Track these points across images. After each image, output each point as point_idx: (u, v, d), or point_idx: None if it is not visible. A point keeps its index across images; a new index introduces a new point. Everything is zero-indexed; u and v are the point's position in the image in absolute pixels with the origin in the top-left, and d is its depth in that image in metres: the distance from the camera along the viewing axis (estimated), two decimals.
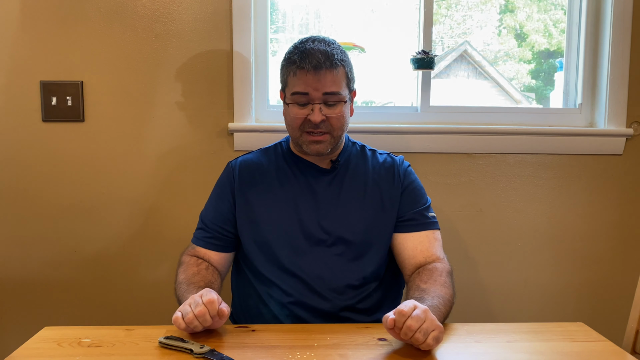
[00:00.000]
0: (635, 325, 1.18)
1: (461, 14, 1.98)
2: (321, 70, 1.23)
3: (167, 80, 1.70)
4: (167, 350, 1.02)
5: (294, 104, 1.27)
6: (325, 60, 1.23)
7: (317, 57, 1.23)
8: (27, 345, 1.05)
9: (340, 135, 1.30)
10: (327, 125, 1.26)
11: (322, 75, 1.24)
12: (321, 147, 1.28)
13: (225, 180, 1.37)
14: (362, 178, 1.34)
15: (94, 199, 1.73)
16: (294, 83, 1.27)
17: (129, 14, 1.68)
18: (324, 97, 1.25)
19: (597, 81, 1.81)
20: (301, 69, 1.24)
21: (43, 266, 1.74)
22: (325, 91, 1.24)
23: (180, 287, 1.23)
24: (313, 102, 1.25)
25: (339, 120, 1.27)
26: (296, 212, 1.30)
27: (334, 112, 1.26)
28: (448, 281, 1.22)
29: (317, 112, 1.25)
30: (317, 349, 1.02)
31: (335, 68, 1.25)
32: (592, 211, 1.82)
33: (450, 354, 1.02)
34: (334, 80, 1.25)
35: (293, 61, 1.26)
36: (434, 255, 1.29)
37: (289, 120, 1.30)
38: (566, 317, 1.83)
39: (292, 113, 1.28)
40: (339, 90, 1.26)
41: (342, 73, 1.27)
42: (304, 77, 1.24)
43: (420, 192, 1.36)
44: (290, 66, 1.27)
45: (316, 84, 1.24)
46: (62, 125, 1.70)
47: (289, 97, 1.28)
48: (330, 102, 1.26)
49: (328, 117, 1.26)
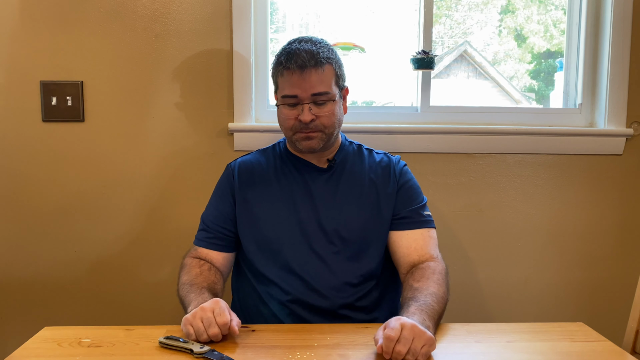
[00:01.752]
0: (635, 325, 1.18)
1: (461, 14, 1.98)
2: (306, 70, 1.25)
3: (167, 80, 1.70)
4: (167, 350, 1.02)
5: (284, 105, 1.29)
6: (309, 59, 1.25)
7: (302, 57, 1.25)
8: (27, 345, 1.05)
9: (332, 133, 1.31)
10: (318, 124, 1.28)
11: (308, 75, 1.25)
12: (313, 142, 1.29)
13: (225, 181, 1.39)
14: (358, 177, 1.35)
15: (93, 198, 1.73)
16: (282, 85, 1.29)
17: (129, 14, 1.68)
18: (313, 98, 1.26)
19: (597, 81, 1.81)
20: (287, 70, 1.26)
21: (43, 266, 1.74)
22: (312, 92, 1.26)
23: (183, 287, 1.23)
24: (302, 103, 1.27)
25: (329, 119, 1.29)
26: (295, 210, 1.31)
27: (323, 111, 1.28)
28: (441, 279, 1.22)
29: (306, 112, 1.26)
30: (317, 349, 1.02)
31: (321, 67, 1.26)
32: (592, 211, 1.82)
33: (450, 354, 1.02)
34: (320, 79, 1.26)
35: (280, 62, 1.28)
36: (428, 254, 1.29)
37: (281, 121, 1.33)
38: (566, 317, 1.84)
39: (283, 114, 1.31)
40: (327, 89, 1.27)
41: (329, 71, 1.28)
42: (290, 77, 1.26)
43: (416, 191, 1.37)
44: (277, 67, 1.30)
45: (303, 84, 1.25)
46: (62, 125, 1.70)
47: (279, 99, 1.31)
48: (319, 102, 1.27)
49: (318, 116, 1.27)
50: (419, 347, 0.95)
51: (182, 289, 1.23)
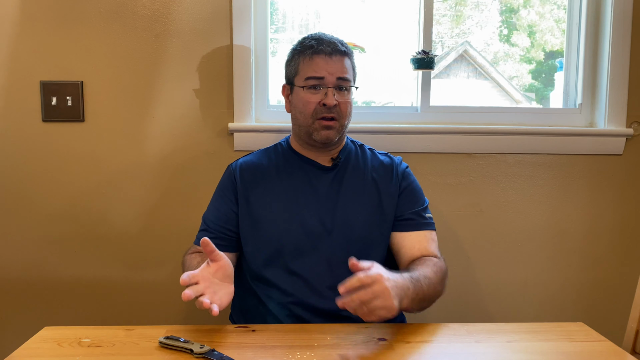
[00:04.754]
0: (635, 325, 1.18)
1: (461, 14, 1.98)
2: (336, 56, 1.30)
3: (167, 80, 1.70)
4: (167, 350, 1.02)
5: (307, 88, 1.31)
6: (340, 46, 1.32)
7: (332, 43, 1.31)
8: (27, 345, 1.05)
9: (345, 125, 1.34)
10: (338, 111, 1.31)
11: (337, 60, 1.30)
12: (331, 133, 1.31)
13: (227, 182, 1.38)
14: (361, 176, 1.36)
15: (93, 198, 1.73)
16: (308, 68, 1.31)
17: (129, 14, 1.68)
18: (337, 82, 1.30)
19: (597, 81, 1.81)
20: (318, 53, 1.30)
21: (43, 266, 1.74)
22: (339, 76, 1.30)
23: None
24: (327, 86, 1.29)
25: (347, 108, 1.32)
26: (298, 210, 1.31)
27: (344, 98, 1.32)
28: (439, 272, 1.23)
29: (330, 96, 1.29)
30: (317, 349, 1.02)
31: (348, 56, 1.33)
32: (592, 211, 1.82)
33: (450, 354, 1.02)
34: (345, 66, 1.32)
35: (309, 46, 1.32)
36: (432, 253, 1.31)
37: (300, 107, 1.32)
38: (566, 317, 1.84)
39: (305, 98, 1.31)
40: (350, 77, 1.33)
41: (350, 63, 1.35)
42: (321, 60, 1.30)
43: (418, 193, 1.38)
44: (305, 51, 1.32)
45: (331, 67, 1.29)
46: (62, 125, 1.70)
47: (303, 82, 1.32)
48: (342, 86, 1.31)
49: (339, 103, 1.30)
50: (377, 307, 0.97)
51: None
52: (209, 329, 1.12)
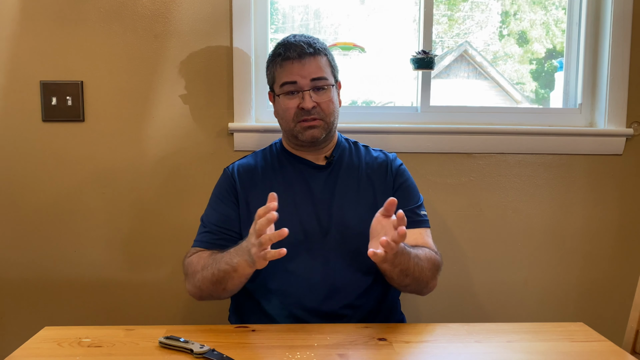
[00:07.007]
0: (635, 325, 1.18)
1: (461, 14, 1.98)
2: (305, 58, 1.30)
3: (167, 80, 1.70)
4: (167, 350, 1.02)
5: (284, 94, 1.32)
6: (308, 48, 1.31)
7: (299, 46, 1.31)
8: (27, 345, 1.05)
9: (332, 122, 1.34)
10: (319, 111, 1.31)
11: (307, 62, 1.30)
12: (316, 131, 1.31)
13: (226, 184, 1.37)
14: (356, 173, 1.36)
15: (93, 198, 1.73)
16: (281, 75, 1.32)
17: (129, 14, 1.68)
18: (312, 83, 1.30)
19: (597, 81, 1.81)
20: (286, 59, 1.31)
21: (43, 266, 1.74)
22: (312, 77, 1.30)
23: (210, 267, 1.20)
24: (302, 90, 1.30)
25: (329, 106, 1.32)
26: (295, 210, 1.31)
27: (323, 97, 1.31)
28: (433, 260, 1.26)
29: (307, 99, 1.29)
30: (317, 349, 1.02)
31: (319, 55, 1.32)
32: (592, 211, 1.82)
33: (450, 354, 1.03)
34: (318, 66, 1.31)
35: (278, 54, 1.33)
36: (430, 246, 1.32)
37: (281, 114, 1.35)
38: (566, 317, 1.83)
39: (283, 104, 1.32)
40: (325, 75, 1.32)
41: (325, 61, 1.34)
42: (290, 66, 1.30)
43: (413, 190, 1.38)
44: (275, 59, 1.34)
45: (302, 71, 1.30)
46: (62, 125, 1.70)
47: (279, 89, 1.33)
48: (319, 87, 1.31)
49: (319, 103, 1.31)
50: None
51: (210, 268, 1.20)
52: (209, 329, 1.12)
